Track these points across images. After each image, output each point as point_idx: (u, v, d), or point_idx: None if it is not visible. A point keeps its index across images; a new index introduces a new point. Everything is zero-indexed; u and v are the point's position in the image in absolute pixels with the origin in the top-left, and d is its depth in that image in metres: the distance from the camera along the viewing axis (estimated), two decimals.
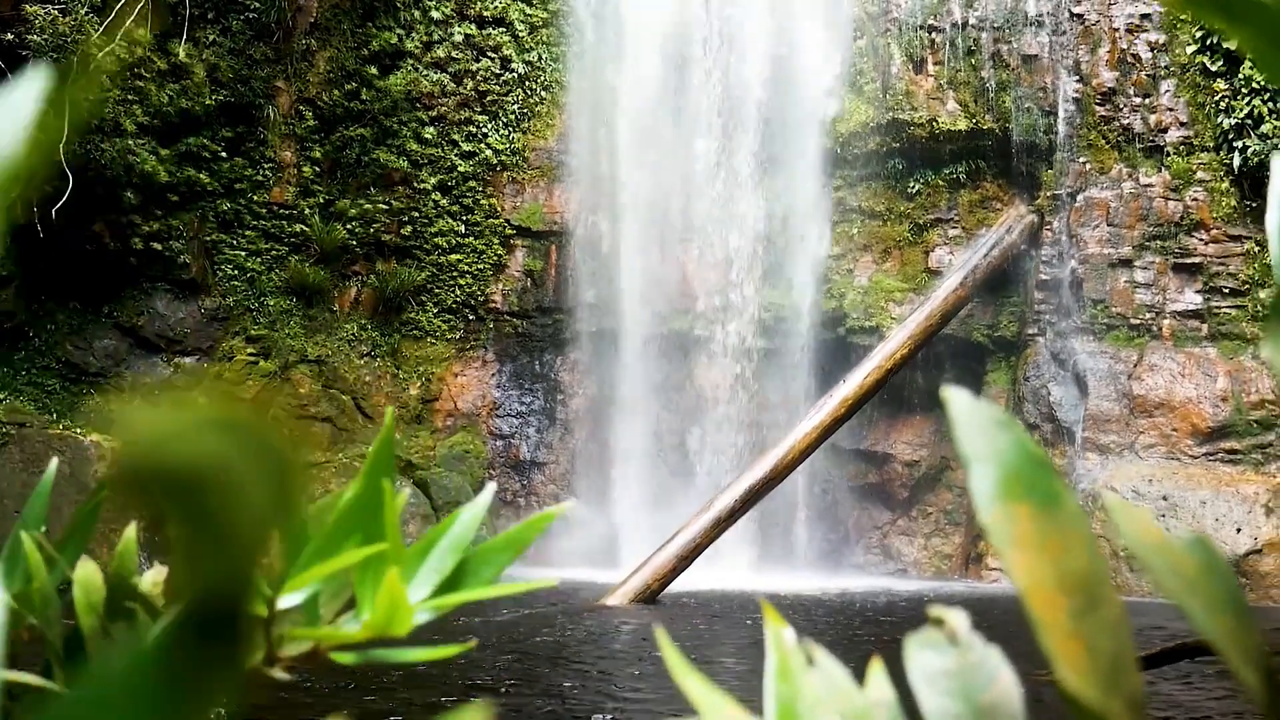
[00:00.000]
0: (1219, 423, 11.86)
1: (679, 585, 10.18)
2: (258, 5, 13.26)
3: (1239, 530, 11.08)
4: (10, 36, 10.85)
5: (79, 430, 11.28)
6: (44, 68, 0.47)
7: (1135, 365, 12.27)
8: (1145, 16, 12.69)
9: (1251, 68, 11.85)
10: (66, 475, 10.87)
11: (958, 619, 0.49)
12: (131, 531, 0.83)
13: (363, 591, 0.56)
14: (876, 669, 0.53)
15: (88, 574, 0.69)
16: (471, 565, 0.64)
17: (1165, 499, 11.44)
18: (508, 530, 0.63)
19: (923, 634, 0.49)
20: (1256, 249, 12.18)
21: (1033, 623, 0.42)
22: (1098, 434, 12.16)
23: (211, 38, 13.13)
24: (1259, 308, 12.13)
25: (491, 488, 0.68)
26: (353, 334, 14.20)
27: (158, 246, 12.97)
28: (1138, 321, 12.43)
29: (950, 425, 0.45)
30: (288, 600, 0.55)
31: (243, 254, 13.78)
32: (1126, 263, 12.54)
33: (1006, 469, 0.44)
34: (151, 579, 0.86)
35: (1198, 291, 12.32)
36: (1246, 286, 12.18)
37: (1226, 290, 12.24)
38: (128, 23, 11.55)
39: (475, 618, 8.13)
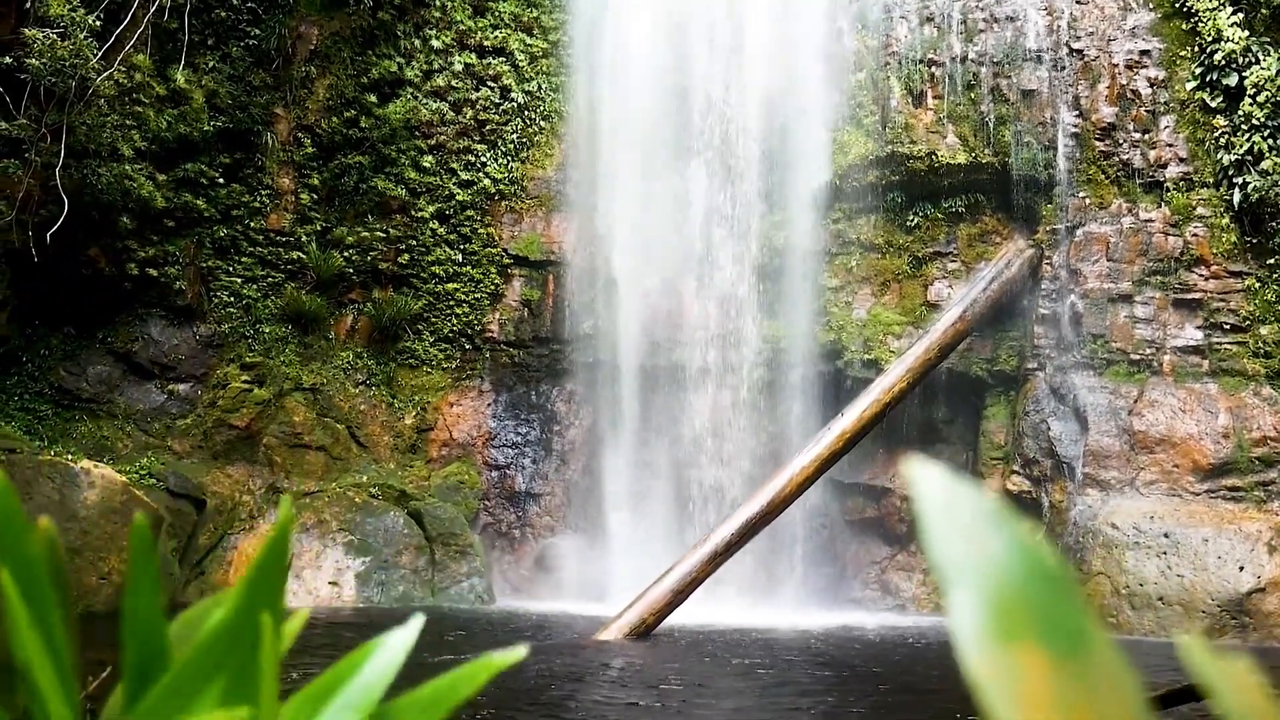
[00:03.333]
0: (1220, 459, 11.76)
1: (674, 620, 10.04)
2: (258, 32, 13.27)
3: (1241, 569, 10.95)
4: (9, 60, 10.82)
5: (70, 456, 11.15)
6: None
7: (1136, 401, 12.18)
8: (1145, 53, 12.70)
9: (1251, 104, 11.85)
10: (56, 502, 10.73)
11: None
12: None
13: None
14: None
15: None
16: None
17: (1167, 536, 11.31)
18: (434, 682, 0.47)
19: None
20: (1257, 285, 12.12)
21: None
22: (1098, 470, 12.05)
23: (211, 64, 13.12)
24: (1260, 344, 12.06)
25: (419, 621, 0.54)
26: (348, 362, 14.11)
27: (153, 272, 12.90)
28: (1138, 357, 12.36)
29: (916, 520, 0.31)
30: None
31: (239, 280, 13.71)
32: (1126, 298, 12.48)
33: (1004, 592, 0.29)
34: None
35: (1198, 327, 12.25)
36: (1247, 323, 12.12)
37: (1227, 326, 12.17)
38: (127, 48, 11.54)
39: (455, 653, 7.98)
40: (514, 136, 14.43)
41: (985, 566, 0.30)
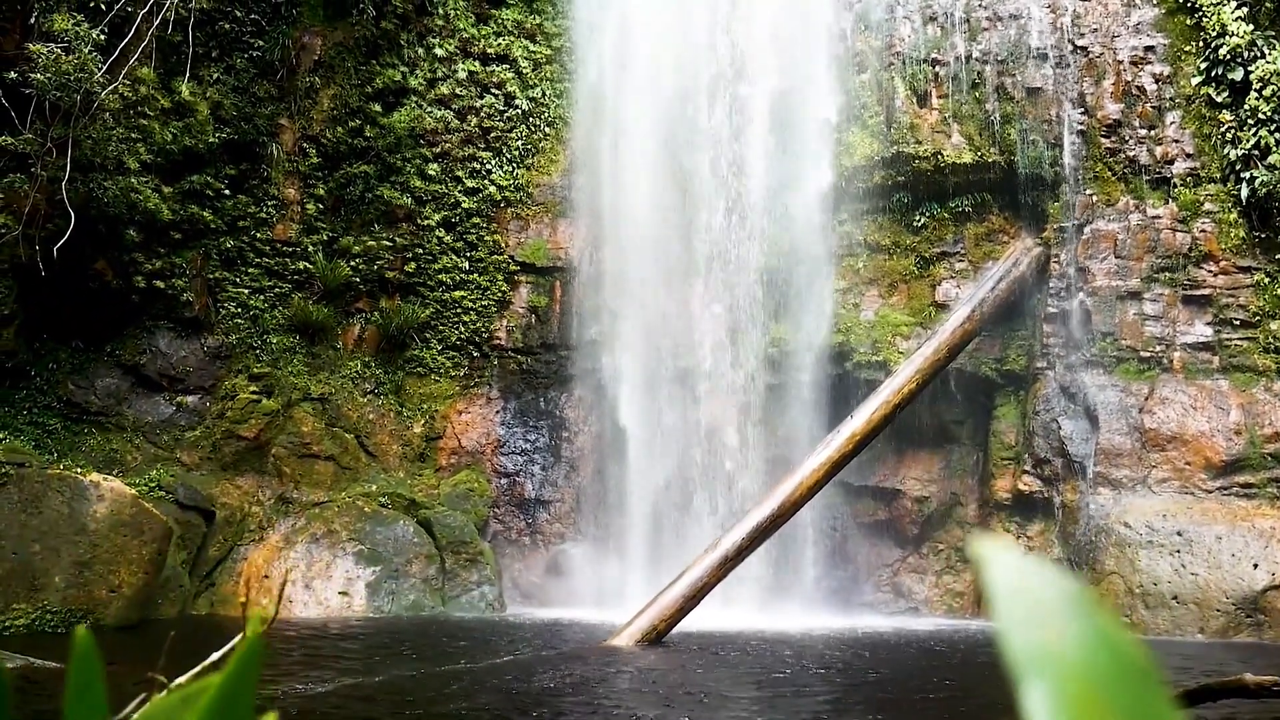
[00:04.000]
0: (1233, 456, 11.69)
1: (686, 625, 10.01)
2: (261, 44, 13.29)
3: (1256, 566, 10.88)
4: (13, 75, 10.85)
5: (79, 470, 11.15)
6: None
7: (1146, 398, 12.12)
8: (1149, 49, 12.66)
9: (1257, 98, 11.79)
10: (65, 515, 10.74)
11: None
12: None
13: None
14: None
15: None
16: None
17: (1180, 534, 11.25)
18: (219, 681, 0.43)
19: None
20: (1266, 280, 12.06)
21: None
22: (1110, 468, 11.99)
23: (215, 76, 13.15)
24: (1270, 339, 11.99)
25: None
26: (356, 371, 14.11)
27: (160, 284, 12.92)
28: (1148, 354, 12.30)
29: (988, 604, 0.27)
30: None
31: (246, 291, 13.72)
32: (1135, 295, 12.42)
33: (1082, 686, 0.26)
34: None
35: (1208, 323, 12.19)
36: (1257, 318, 12.05)
37: (1237, 322, 12.11)
38: (131, 61, 11.56)
39: (466, 661, 7.97)
40: (519, 143, 14.43)
41: (1063, 657, 0.28)
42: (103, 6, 11.52)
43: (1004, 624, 0.27)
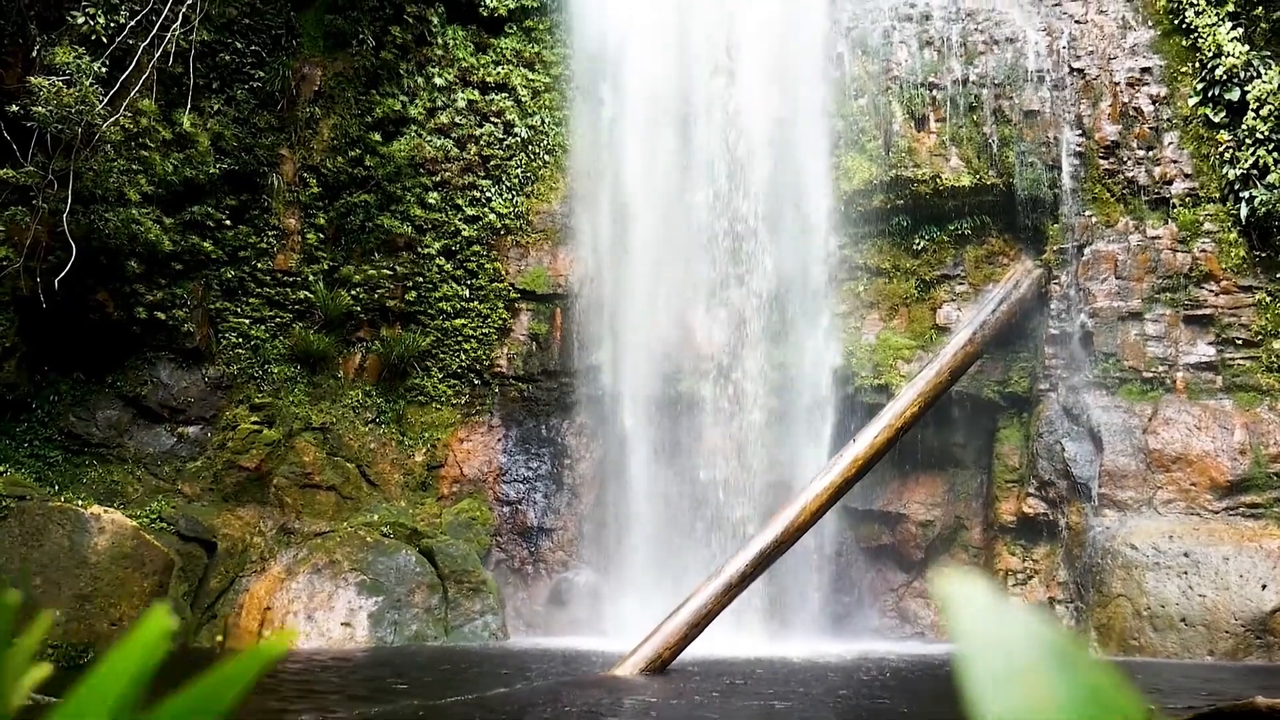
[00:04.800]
0: (1238, 476, 11.64)
1: (690, 653, 9.93)
2: (262, 75, 13.36)
3: (1264, 587, 10.80)
4: (15, 108, 10.90)
5: (80, 502, 11.12)
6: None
7: (1150, 419, 12.08)
8: (1145, 70, 12.70)
9: (1255, 118, 11.82)
10: (66, 548, 10.70)
11: None
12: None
13: None
14: None
15: None
16: None
17: (1186, 555, 11.18)
18: (201, 681, 0.43)
19: None
20: (1268, 299, 12.05)
21: None
22: (1114, 490, 11.94)
23: (216, 107, 13.21)
24: (1273, 359, 11.96)
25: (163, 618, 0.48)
26: (357, 400, 14.09)
27: (161, 315, 12.92)
28: (1150, 374, 12.27)
29: (955, 654, 0.24)
30: None
31: (246, 321, 13.72)
32: (1136, 315, 12.41)
33: None
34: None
35: (1210, 343, 12.17)
36: (1260, 337, 12.03)
37: (1239, 341, 12.08)
38: (133, 94, 11.62)
39: (468, 693, 7.90)
40: (518, 171, 14.47)
41: (1032, 700, 0.25)
42: (104, 39, 11.59)
43: (977, 682, 0.24)
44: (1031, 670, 0.26)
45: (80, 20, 11.51)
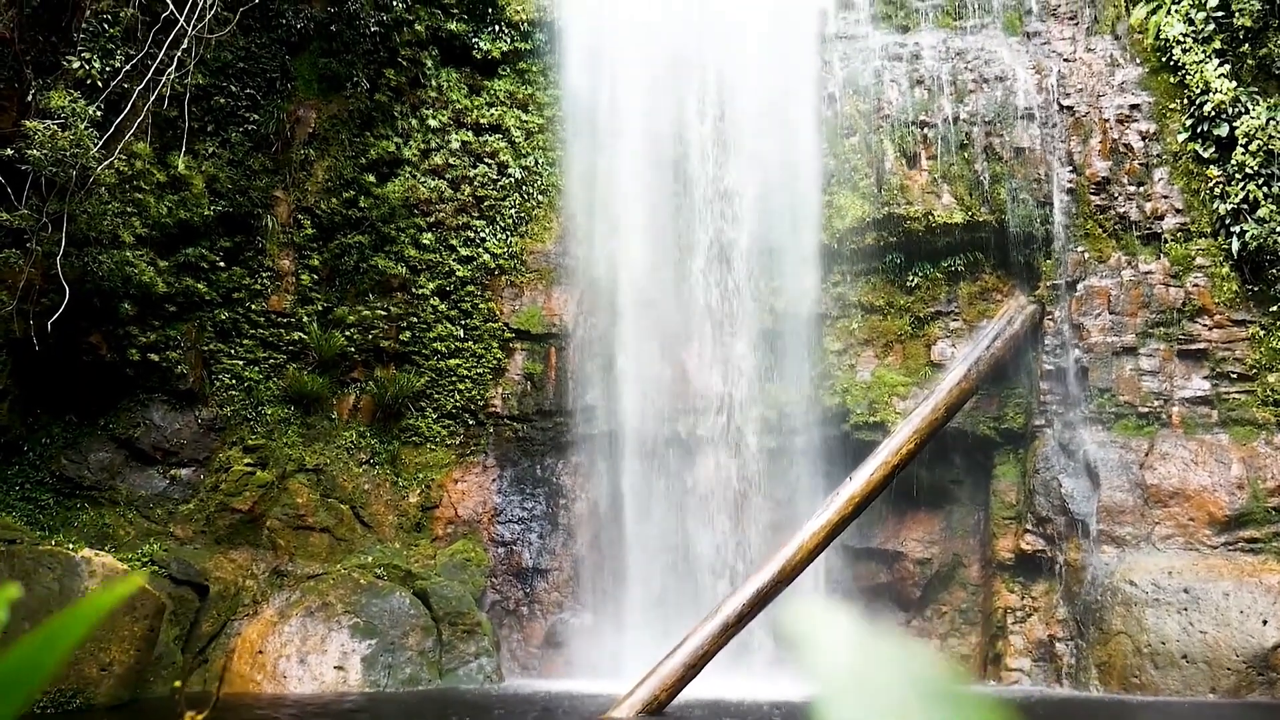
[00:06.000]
0: (1236, 511, 11.58)
1: (688, 694, 9.82)
2: (257, 117, 13.43)
3: (1265, 623, 10.72)
4: (10, 152, 10.93)
5: (71, 546, 11.03)
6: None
7: (1146, 454, 12.04)
8: (1134, 107, 12.80)
9: (1244, 153, 11.90)
10: (56, 592, 10.59)
11: None
12: None
13: None
14: None
15: None
16: None
17: (1186, 591, 11.10)
18: (40, 628, 0.42)
19: None
20: (1261, 333, 12.06)
21: None
22: (1112, 526, 11.88)
23: (211, 149, 13.26)
24: (1269, 392, 11.96)
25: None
26: (351, 441, 14.03)
27: (154, 357, 12.89)
28: (1146, 409, 12.25)
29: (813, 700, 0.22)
30: None
31: (240, 363, 13.69)
32: (1131, 350, 12.41)
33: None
34: None
35: (1205, 377, 12.17)
36: (1254, 371, 12.03)
37: (1234, 375, 12.08)
38: (127, 137, 11.67)
39: None
40: (512, 211, 14.51)
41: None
42: (100, 83, 11.65)
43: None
44: (898, 712, 0.23)
45: (76, 64, 11.58)
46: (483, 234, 14.42)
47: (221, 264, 13.48)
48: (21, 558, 10.61)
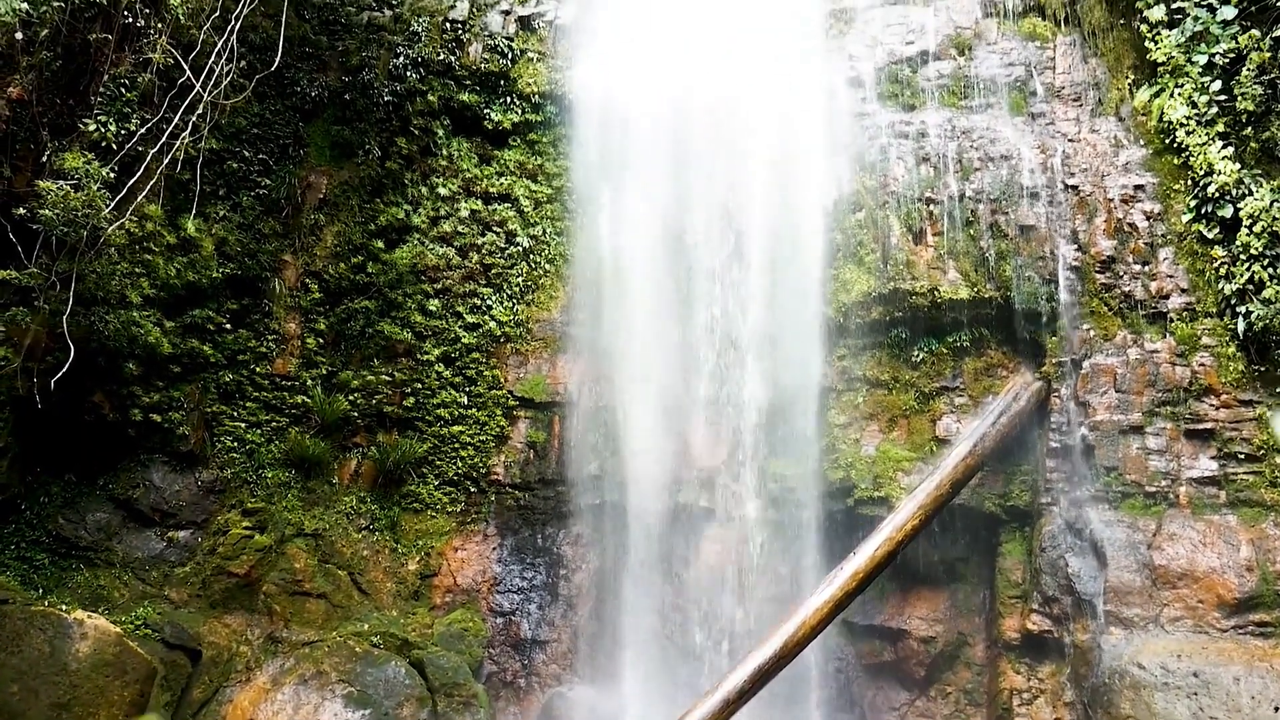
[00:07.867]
0: (1246, 594, 11.41)
1: None
2: (268, 182, 13.58)
3: (1277, 709, 10.49)
4: (22, 211, 11.03)
5: (63, 607, 10.90)
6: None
7: (1154, 534, 11.91)
8: (1139, 187, 12.91)
9: (1248, 234, 11.96)
10: (46, 654, 10.43)
11: None
12: None
13: None
14: None
15: None
16: None
17: (1196, 675, 10.89)
18: None
19: None
20: (1269, 413, 12.00)
21: None
22: (1120, 607, 11.69)
23: (221, 213, 13.38)
24: (1277, 473, 11.86)
25: None
26: (351, 507, 13.93)
27: (157, 418, 12.86)
28: (1153, 489, 12.14)
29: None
30: None
31: (242, 425, 13.66)
32: (1137, 429, 12.35)
33: None
34: None
35: (1212, 457, 12.08)
36: (1262, 452, 11.94)
37: (1242, 456, 11.99)
38: (139, 198, 11.78)
39: None
40: (519, 280, 14.59)
41: None
42: (114, 146, 11.80)
43: None
44: None
45: (92, 127, 11.74)
46: (489, 301, 14.48)
47: (228, 326, 13.53)
48: (13, 618, 10.48)
